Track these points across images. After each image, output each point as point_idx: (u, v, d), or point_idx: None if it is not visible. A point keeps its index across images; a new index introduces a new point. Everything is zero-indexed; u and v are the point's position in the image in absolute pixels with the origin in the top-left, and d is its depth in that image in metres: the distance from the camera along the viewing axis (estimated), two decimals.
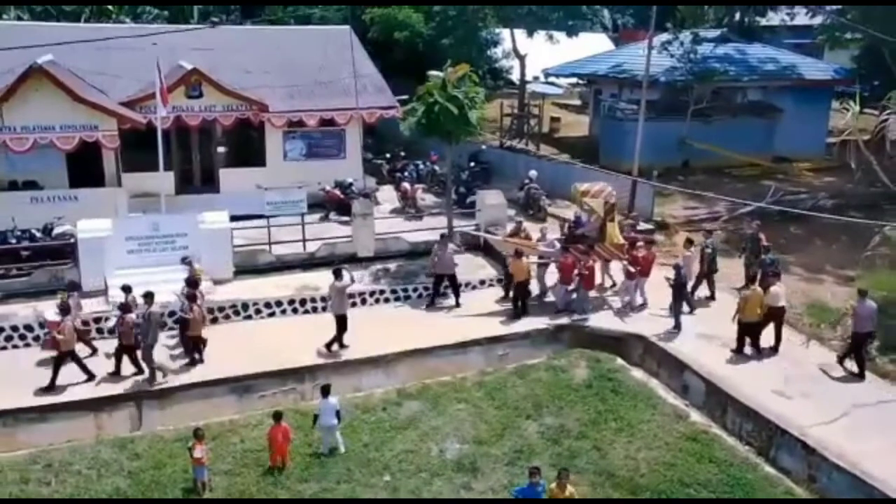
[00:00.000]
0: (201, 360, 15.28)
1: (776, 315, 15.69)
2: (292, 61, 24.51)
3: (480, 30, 35.21)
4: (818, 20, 33.60)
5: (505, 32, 37.02)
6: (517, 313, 17.34)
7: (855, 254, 18.34)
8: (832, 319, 16.92)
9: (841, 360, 15.28)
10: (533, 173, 24.13)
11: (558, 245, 18.16)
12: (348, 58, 23.08)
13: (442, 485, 12.73)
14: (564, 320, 17.27)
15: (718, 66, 29.39)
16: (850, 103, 18.75)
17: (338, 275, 15.79)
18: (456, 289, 18.16)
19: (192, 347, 15.30)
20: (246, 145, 23.88)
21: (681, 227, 23.03)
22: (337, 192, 22.86)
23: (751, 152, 28.80)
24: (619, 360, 16.36)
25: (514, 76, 38.96)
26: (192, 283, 15.70)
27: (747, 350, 15.70)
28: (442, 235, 18.52)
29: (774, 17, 35.80)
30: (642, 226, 21.99)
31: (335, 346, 15.79)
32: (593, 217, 18.40)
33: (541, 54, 36.19)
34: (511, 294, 17.82)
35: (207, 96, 21.93)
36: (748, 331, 15.64)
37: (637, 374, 16.05)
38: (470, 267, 19.79)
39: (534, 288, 18.06)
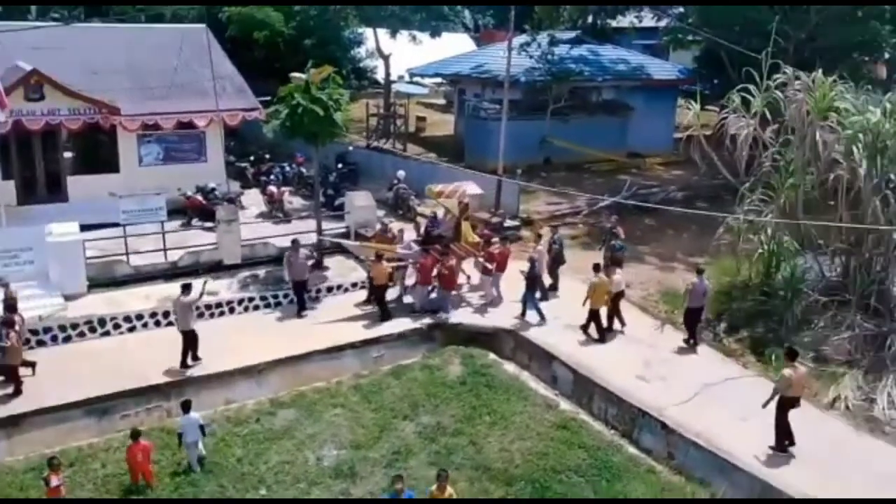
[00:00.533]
0: (19, 392, 14.01)
1: (616, 299, 16.85)
2: (145, 62, 23.35)
3: (343, 29, 34.94)
4: (664, 23, 35.74)
5: (368, 32, 36.94)
6: (384, 316, 17.35)
7: (703, 242, 19.68)
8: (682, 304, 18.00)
9: (687, 341, 16.47)
10: (401, 173, 24.23)
11: (416, 246, 18.34)
12: (206, 58, 22.26)
13: (320, 493, 12.57)
14: (428, 320, 17.38)
15: (574, 67, 30.66)
16: (691, 102, 20.08)
17: (186, 289, 15.05)
18: (302, 297, 17.67)
19: (12, 377, 14.07)
20: (96, 151, 22.52)
21: (545, 223, 23.84)
22: (199, 197, 22.02)
23: (607, 149, 30.28)
24: (492, 356, 16.73)
25: (379, 76, 38.95)
26: (10, 306, 14.52)
27: (592, 333, 16.62)
28: (293, 241, 17.99)
29: (624, 20, 37.75)
30: (509, 222, 22.68)
31: (189, 361, 15.10)
32: (448, 217, 18.85)
33: (405, 54, 36.40)
34: (374, 297, 17.79)
35: (50, 99, 20.51)
36: (596, 316, 16.57)
37: (509, 367, 16.48)
38: (342, 269, 19.64)
39: (395, 290, 18.18)
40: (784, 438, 12.84)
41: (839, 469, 12.35)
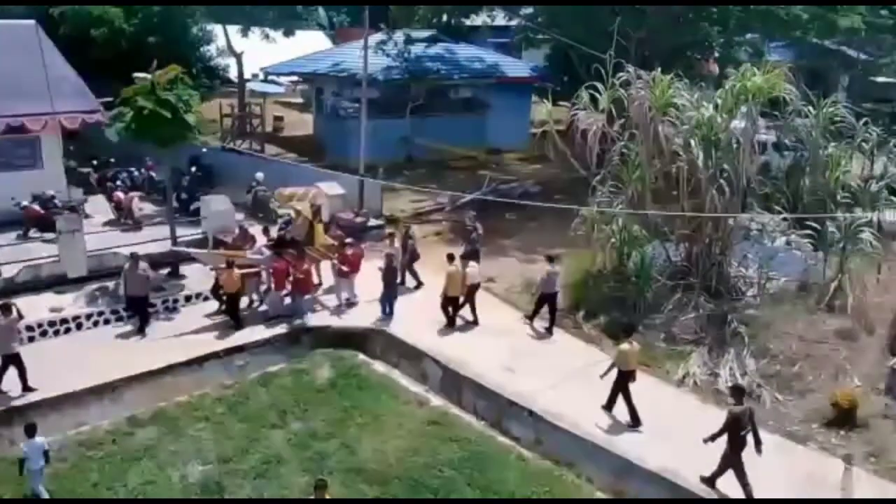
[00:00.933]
0: None
1: (472, 291, 17.36)
2: None
3: (190, 27, 33.44)
4: (515, 22, 36.80)
5: (218, 29, 35.58)
6: (236, 325, 16.81)
7: (561, 234, 20.40)
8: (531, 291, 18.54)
9: (530, 319, 17.36)
10: (259, 175, 23.52)
11: (267, 252, 17.93)
12: (38, 57, 20.58)
13: None
14: (285, 326, 17.01)
15: (431, 66, 31.02)
16: (545, 99, 20.85)
17: (5, 310, 13.82)
18: (144, 314, 16.70)
19: None
20: None
21: (410, 221, 23.99)
22: (36, 206, 20.40)
23: (467, 146, 30.84)
24: (361, 356, 16.62)
25: (232, 74, 37.64)
26: None
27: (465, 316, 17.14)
28: (132, 255, 16.98)
29: (478, 19, 38.55)
30: (373, 221, 22.62)
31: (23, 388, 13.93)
32: (300, 220, 18.61)
33: (258, 52, 35.39)
34: (225, 306, 17.22)
35: None
36: (451, 303, 17.09)
37: (379, 367, 16.42)
38: (202, 276, 18.79)
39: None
40: (613, 403, 13.89)
41: (691, 441, 13.16)
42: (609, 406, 13.98)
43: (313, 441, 13.76)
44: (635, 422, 13.64)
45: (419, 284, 19.17)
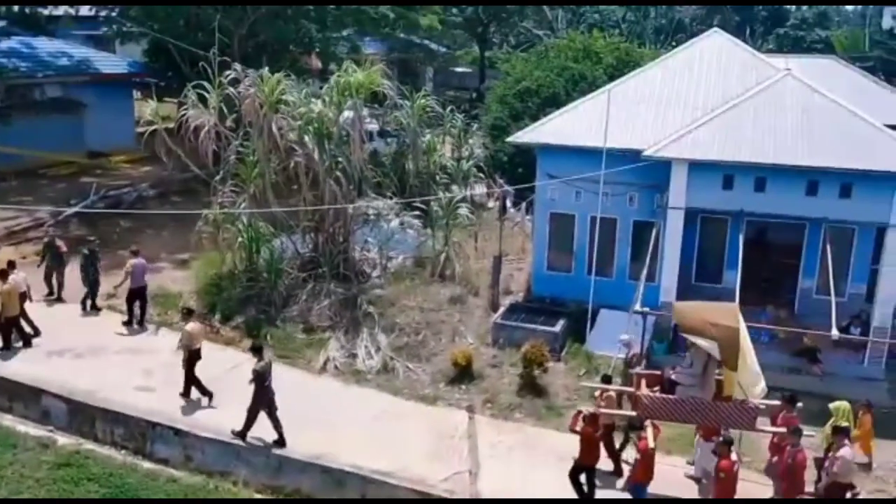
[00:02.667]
0: None
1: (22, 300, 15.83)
2: None
3: None
4: (104, 13, 33.79)
5: None
6: None
7: (185, 238, 19.63)
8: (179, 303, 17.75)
9: (128, 323, 16.97)
10: None
11: None
12: None
13: None
14: None
15: (7, 63, 27.19)
16: (149, 97, 19.67)
17: None
18: None
19: None
20: None
21: (3, 241, 20.89)
22: None
23: (63, 150, 27.82)
24: None
25: None
26: None
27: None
28: None
29: (58, 9, 34.57)
30: None
31: None
32: None
33: None
34: None
35: None
36: (13, 323, 15.63)
37: None
38: None
39: None
40: (191, 386, 14.28)
41: (339, 422, 13.87)
42: (187, 392, 14.25)
43: None
44: (187, 392, 14.23)
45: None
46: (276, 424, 13.03)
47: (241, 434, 13.13)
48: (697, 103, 17.79)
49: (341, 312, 17.45)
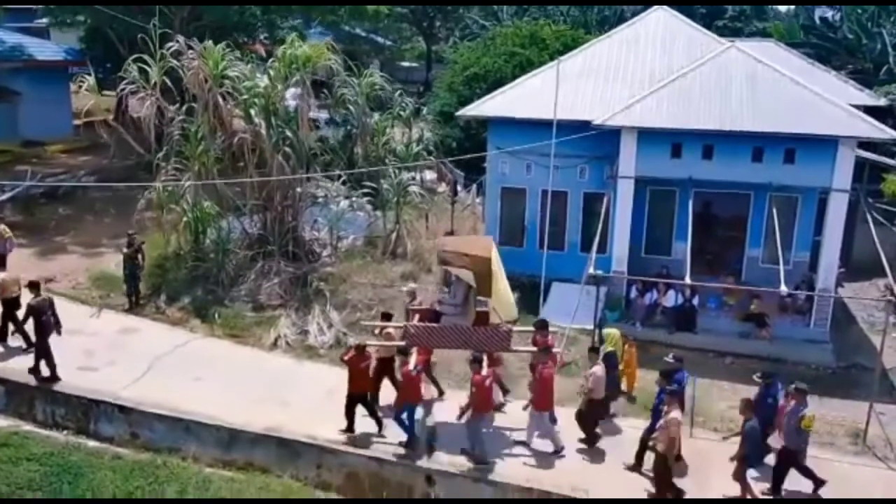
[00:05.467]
0: None
1: None
2: None
3: None
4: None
5: None
6: None
7: (127, 222, 18.99)
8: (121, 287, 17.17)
9: None
10: None
11: None
12: None
13: None
14: None
15: None
16: (86, 85, 18.87)
17: None
18: None
19: None
20: None
21: None
22: None
23: None
24: None
25: None
26: None
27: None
28: None
29: None
30: None
31: None
32: None
33: None
34: None
35: None
36: None
37: None
38: None
39: None
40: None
41: (293, 398, 13.53)
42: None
43: None
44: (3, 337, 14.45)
45: None
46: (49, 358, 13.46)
47: (35, 370, 13.50)
48: (644, 76, 18.01)
49: (291, 290, 17.11)
